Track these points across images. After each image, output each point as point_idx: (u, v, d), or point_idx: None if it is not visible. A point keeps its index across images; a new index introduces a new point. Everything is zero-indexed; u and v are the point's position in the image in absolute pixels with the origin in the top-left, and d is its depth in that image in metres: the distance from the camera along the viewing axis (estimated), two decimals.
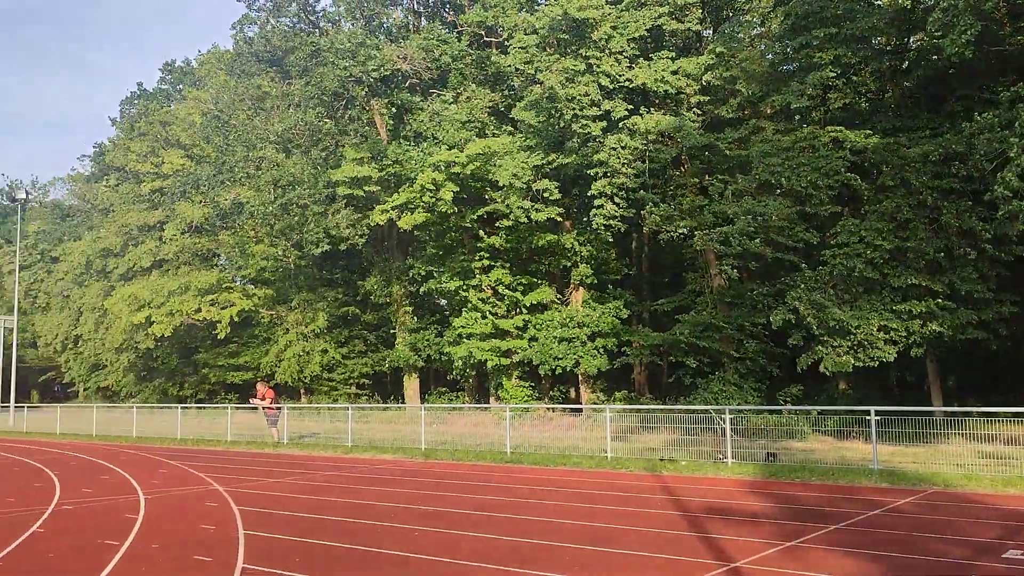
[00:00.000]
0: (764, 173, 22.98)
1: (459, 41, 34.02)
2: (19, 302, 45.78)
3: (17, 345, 49.70)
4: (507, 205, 29.18)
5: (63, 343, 60.06)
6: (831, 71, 23.09)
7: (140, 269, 48.51)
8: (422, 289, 36.90)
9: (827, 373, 22.04)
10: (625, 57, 27.05)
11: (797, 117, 26.79)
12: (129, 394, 50.95)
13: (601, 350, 30.28)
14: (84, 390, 60.49)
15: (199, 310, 41.35)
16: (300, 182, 33.72)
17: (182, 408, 29.61)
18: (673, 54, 27.96)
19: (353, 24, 37.46)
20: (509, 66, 29.82)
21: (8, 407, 39.43)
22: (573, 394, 35.10)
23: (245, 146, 35.82)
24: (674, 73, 27.09)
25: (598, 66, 26.67)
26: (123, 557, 9.42)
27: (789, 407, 22.36)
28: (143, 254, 48.33)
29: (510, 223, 30.06)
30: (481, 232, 32.41)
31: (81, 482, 16.53)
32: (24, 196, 51.60)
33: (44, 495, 14.60)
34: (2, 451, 24.71)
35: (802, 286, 21.95)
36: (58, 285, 61.26)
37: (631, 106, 27.30)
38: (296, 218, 35.88)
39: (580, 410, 27.60)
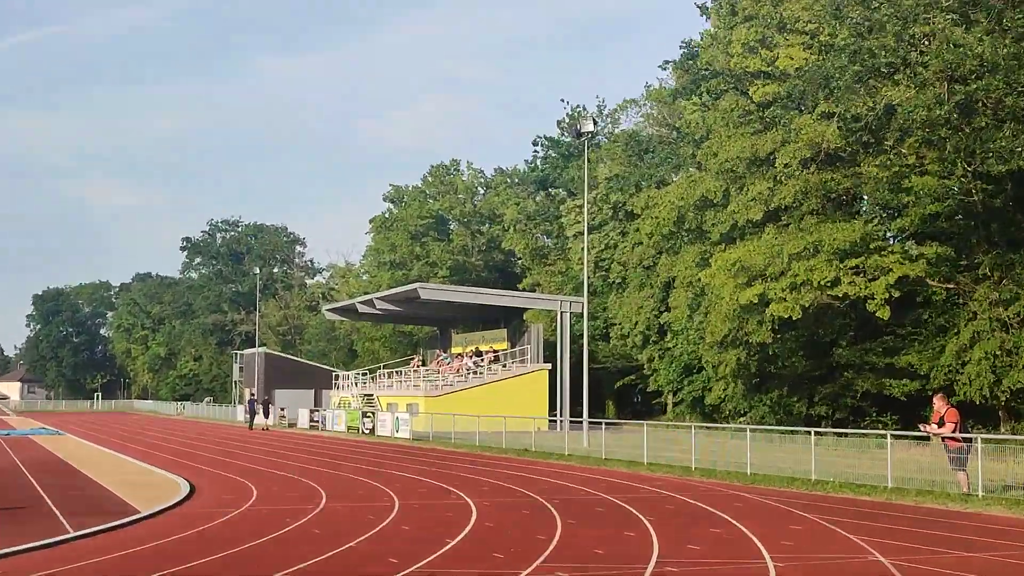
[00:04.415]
0: None
1: None
2: (588, 276, 51.55)
3: (586, 337, 55.98)
4: None
5: (644, 334, 66.46)
6: None
7: (749, 225, 51.11)
8: None
9: None
10: None
11: None
12: (736, 410, 54.49)
13: None
14: (674, 403, 66.34)
15: (836, 282, 42.33)
16: (991, 66, 32.65)
17: (815, 432, 30.56)
18: None
19: None
20: None
21: (581, 423, 44.12)
22: None
23: (899, 19, 35.69)
24: None
25: None
26: None
27: None
28: (750, 201, 50.89)
29: None
30: None
31: (684, 535, 17.91)
32: (591, 128, 57.66)
33: (640, 549, 16.13)
34: (579, 484, 28.04)
35: None
36: (636, 252, 67.86)
37: None
38: (984, 126, 34.78)
39: None
